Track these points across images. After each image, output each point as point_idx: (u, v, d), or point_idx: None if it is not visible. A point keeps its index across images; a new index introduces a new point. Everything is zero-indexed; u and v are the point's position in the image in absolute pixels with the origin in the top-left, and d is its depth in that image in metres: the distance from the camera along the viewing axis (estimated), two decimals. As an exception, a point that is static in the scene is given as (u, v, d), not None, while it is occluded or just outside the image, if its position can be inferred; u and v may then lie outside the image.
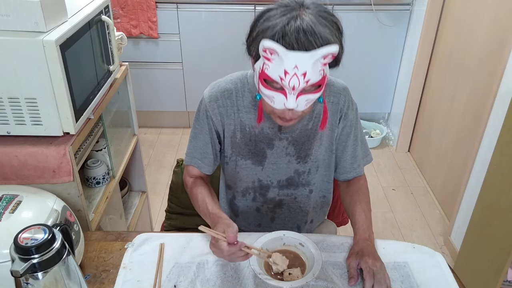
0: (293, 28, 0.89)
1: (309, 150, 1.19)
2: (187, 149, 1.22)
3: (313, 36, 0.89)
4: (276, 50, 0.89)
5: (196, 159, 1.20)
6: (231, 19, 2.84)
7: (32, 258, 0.78)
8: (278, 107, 0.98)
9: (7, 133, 1.16)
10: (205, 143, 1.19)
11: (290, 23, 0.90)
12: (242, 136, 1.17)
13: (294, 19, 0.91)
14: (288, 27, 0.90)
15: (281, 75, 0.92)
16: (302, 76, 0.91)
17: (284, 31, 0.90)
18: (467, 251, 1.87)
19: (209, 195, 1.15)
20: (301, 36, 0.89)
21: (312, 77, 0.92)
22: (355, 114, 1.20)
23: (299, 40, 0.89)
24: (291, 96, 0.94)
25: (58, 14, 1.13)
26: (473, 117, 2.16)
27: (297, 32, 0.89)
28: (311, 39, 0.89)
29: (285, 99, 0.95)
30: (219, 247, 0.95)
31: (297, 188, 1.24)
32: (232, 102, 1.14)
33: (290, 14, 0.92)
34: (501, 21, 1.96)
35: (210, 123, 1.16)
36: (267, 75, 0.94)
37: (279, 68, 0.92)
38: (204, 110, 1.15)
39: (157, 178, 2.74)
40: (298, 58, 0.90)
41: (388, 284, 0.99)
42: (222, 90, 1.14)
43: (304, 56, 0.90)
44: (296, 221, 1.30)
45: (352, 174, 1.25)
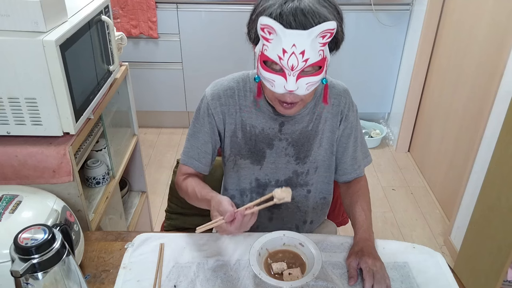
0: (290, 7, 0.90)
1: (308, 152, 1.19)
2: (184, 148, 1.21)
3: (311, 14, 0.90)
4: (274, 27, 0.90)
5: (192, 159, 1.19)
6: (231, 19, 2.84)
7: (32, 258, 0.78)
8: (279, 90, 0.97)
9: (7, 133, 1.16)
10: (205, 142, 1.18)
11: (287, 2, 0.91)
12: (242, 135, 1.17)
13: (292, 1, 0.92)
14: (286, 5, 0.91)
15: (279, 54, 0.92)
16: (300, 55, 0.91)
17: (281, 9, 0.90)
18: (467, 251, 1.87)
19: (198, 183, 1.14)
20: (299, 14, 0.89)
21: (311, 56, 0.92)
22: (355, 115, 1.20)
23: (296, 18, 0.89)
24: (291, 77, 0.94)
25: (58, 14, 1.13)
26: (473, 117, 2.16)
27: (294, 10, 0.90)
28: (309, 16, 0.89)
29: (285, 81, 0.95)
30: (225, 229, 0.95)
31: (295, 188, 1.24)
32: (234, 101, 1.14)
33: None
34: (501, 21, 1.96)
35: (212, 122, 1.15)
36: (266, 56, 0.94)
37: (277, 47, 0.91)
38: (206, 108, 1.15)
39: (157, 178, 2.74)
40: (296, 36, 0.90)
41: (388, 284, 0.99)
42: (225, 88, 1.14)
43: (302, 34, 0.90)
44: (294, 221, 1.30)
45: (353, 176, 1.25)
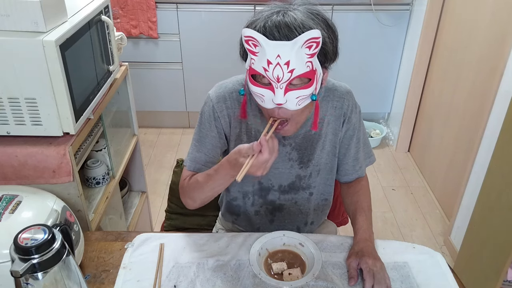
0: (275, 20, 0.90)
1: (311, 155, 1.18)
2: (190, 154, 1.17)
3: (294, 24, 0.89)
4: (257, 39, 0.89)
5: (199, 165, 1.15)
6: (231, 19, 2.84)
7: (32, 258, 0.78)
8: (268, 106, 0.96)
9: (7, 133, 1.16)
10: (212, 146, 1.14)
11: (273, 16, 0.92)
12: (247, 140, 1.14)
13: (278, 13, 0.92)
14: (270, 18, 0.91)
15: (264, 66, 0.91)
16: (285, 65, 0.89)
17: (265, 21, 0.91)
18: (467, 251, 1.87)
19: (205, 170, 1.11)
20: (282, 25, 0.89)
21: (297, 67, 0.90)
22: (358, 117, 1.19)
23: (280, 29, 0.89)
24: (279, 90, 0.92)
25: (58, 14, 1.13)
26: (473, 117, 2.16)
27: (278, 23, 0.90)
28: (292, 27, 0.89)
29: (273, 95, 0.93)
30: (261, 160, 0.91)
31: (297, 192, 1.24)
32: (240, 103, 1.11)
33: (276, 9, 0.94)
34: (500, 21, 1.96)
35: (218, 125, 1.12)
36: (254, 69, 0.94)
37: (262, 59, 0.91)
38: (211, 111, 1.11)
39: (157, 178, 2.74)
40: (280, 47, 0.89)
41: (388, 284, 0.99)
42: (230, 90, 1.12)
43: (286, 45, 0.89)
44: (295, 223, 1.30)
45: (354, 176, 1.25)
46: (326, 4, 2.78)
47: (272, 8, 0.96)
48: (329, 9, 2.80)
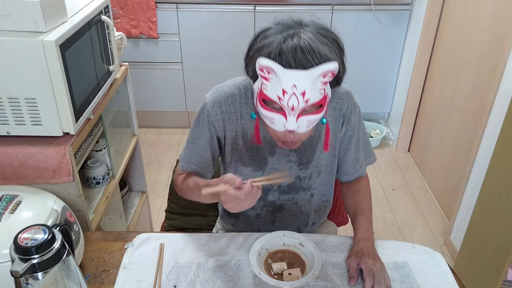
0: (290, 46, 0.87)
1: (311, 157, 1.18)
2: (184, 155, 1.19)
3: (311, 53, 0.86)
4: (273, 68, 0.87)
5: (192, 164, 1.17)
6: (231, 19, 2.84)
7: (32, 259, 0.78)
8: (279, 129, 0.95)
9: (7, 133, 1.16)
10: (204, 148, 1.16)
11: (287, 41, 0.88)
12: (244, 143, 1.15)
13: (291, 37, 0.88)
14: (285, 44, 0.87)
15: (279, 94, 0.89)
16: (301, 95, 0.88)
17: (280, 48, 0.87)
18: (467, 251, 1.87)
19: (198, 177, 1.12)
20: (299, 54, 0.86)
21: (312, 96, 0.89)
22: (358, 117, 1.18)
23: (296, 58, 0.86)
24: (291, 117, 0.92)
25: (58, 14, 1.13)
26: (473, 117, 2.16)
27: (294, 50, 0.86)
28: (309, 57, 0.86)
29: (285, 120, 0.92)
30: (233, 195, 0.90)
31: (298, 192, 1.23)
32: (235, 108, 1.11)
33: (287, 32, 0.90)
34: (501, 21, 1.96)
35: (211, 129, 1.13)
36: (266, 95, 0.92)
37: (277, 88, 0.89)
38: (206, 115, 1.12)
39: (157, 178, 2.74)
40: (296, 76, 0.87)
41: (388, 284, 0.99)
42: (226, 95, 1.11)
43: (302, 75, 0.87)
44: (296, 224, 1.30)
45: (354, 176, 1.25)
46: (326, 4, 2.79)
47: (283, 29, 0.91)
48: (329, 9, 2.80)
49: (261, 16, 2.83)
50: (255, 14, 2.82)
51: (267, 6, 2.80)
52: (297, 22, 0.94)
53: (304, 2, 2.81)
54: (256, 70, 0.91)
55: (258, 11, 2.81)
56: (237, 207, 0.94)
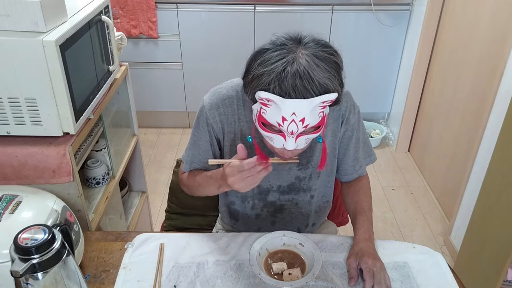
0: (290, 76, 0.86)
1: (310, 157, 1.18)
2: (186, 157, 1.20)
3: (311, 84, 0.86)
4: (272, 99, 0.88)
5: (195, 164, 1.19)
6: (231, 19, 2.84)
7: (32, 259, 0.78)
8: (278, 146, 0.97)
9: (7, 133, 1.16)
10: (206, 149, 1.17)
11: (286, 70, 0.86)
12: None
13: (290, 64, 0.87)
14: (284, 74, 0.86)
15: (279, 121, 0.90)
16: (300, 122, 0.90)
17: (280, 79, 0.86)
18: (467, 251, 1.87)
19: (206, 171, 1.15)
20: (298, 84, 0.86)
21: (311, 121, 0.91)
22: (357, 117, 1.18)
23: (296, 89, 0.86)
24: (290, 138, 0.93)
25: (58, 14, 1.13)
26: (473, 117, 2.16)
27: (293, 80, 0.86)
28: (309, 87, 0.86)
29: (284, 141, 0.94)
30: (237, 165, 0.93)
31: (298, 193, 1.23)
32: (233, 110, 1.12)
33: (285, 58, 0.88)
34: (501, 21, 1.96)
35: (210, 131, 1.14)
36: (265, 119, 0.93)
37: (276, 115, 0.90)
38: (205, 118, 1.13)
39: (157, 178, 2.74)
40: (296, 105, 0.88)
41: (388, 284, 0.99)
42: (223, 97, 1.12)
43: (302, 103, 0.87)
44: (296, 225, 1.30)
45: (354, 176, 1.25)
46: (326, 4, 2.79)
47: (281, 53, 0.89)
48: (329, 9, 2.80)
49: (261, 16, 2.83)
50: (255, 14, 2.82)
51: (267, 6, 2.80)
52: (295, 40, 0.92)
53: (304, 2, 2.80)
54: (254, 96, 0.92)
55: (258, 11, 2.81)
56: (241, 182, 0.95)
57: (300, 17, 2.85)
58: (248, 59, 0.96)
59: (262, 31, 2.87)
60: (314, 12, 2.81)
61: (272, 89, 0.87)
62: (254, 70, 0.92)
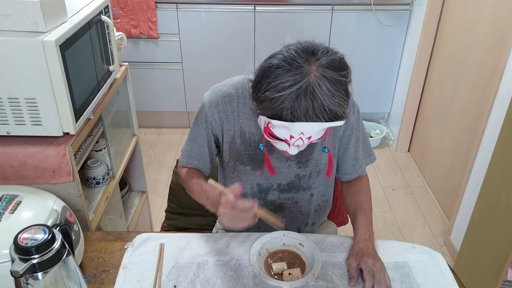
0: (303, 104, 0.88)
1: (310, 155, 1.18)
2: (184, 151, 1.22)
3: (321, 112, 0.89)
4: (285, 125, 0.92)
5: (192, 159, 1.21)
6: (231, 19, 2.84)
7: (32, 259, 0.78)
8: (281, 149, 1.01)
9: (7, 133, 1.16)
10: (202, 146, 1.18)
11: (299, 97, 0.87)
12: (242, 142, 1.16)
13: (304, 91, 0.87)
14: (297, 102, 0.88)
15: (286, 137, 0.95)
16: (307, 139, 0.95)
17: (293, 107, 0.88)
18: (467, 251, 1.87)
19: (203, 178, 1.16)
20: (310, 112, 0.89)
21: (316, 137, 0.96)
22: (356, 116, 1.19)
23: (307, 115, 0.89)
24: (294, 147, 0.98)
25: (58, 14, 1.13)
26: (473, 117, 2.16)
27: (305, 107, 0.88)
28: (320, 115, 0.89)
29: (288, 147, 0.98)
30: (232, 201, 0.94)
31: (298, 192, 1.24)
32: (232, 107, 1.13)
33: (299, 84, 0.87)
34: (501, 21, 1.96)
35: (208, 128, 1.15)
36: (273, 133, 0.96)
37: (285, 133, 0.94)
38: (204, 115, 1.14)
39: (157, 178, 2.74)
40: (305, 127, 0.91)
41: (388, 284, 0.99)
42: (223, 95, 1.13)
43: (311, 126, 0.91)
44: (296, 224, 1.30)
45: (354, 175, 1.25)
46: (326, 4, 2.79)
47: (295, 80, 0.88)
48: (329, 9, 2.80)
49: (261, 16, 2.83)
50: (255, 14, 2.82)
51: (267, 6, 2.80)
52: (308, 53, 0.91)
53: (304, 2, 2.80)
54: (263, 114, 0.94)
55: (258, 11, 2.81)
56: (231, 219, 0.97)
57: (300, 17, 2.85)
58: (258, 72, 0.95)
59: (262, 31, 2.87)
60: (314, 12, 2.81)
61: (285, 116, 0.90)
62: (265, 90, 0.91)
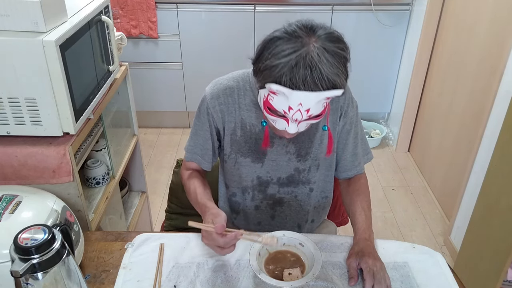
0: (301, 72, 0.89)
1: (309, 149, 1.19)
2: (188, 146, 1.23)
3: (320, 79, 0.89)
4: (283, 91, 0.91)
5: (196, 155, 1.22)
6: (231, 19, 2.84)
7: (32, 259, 0.78)
8: (280, 128, 1.01)
9: (7, 133, 1.16)
10: (206, 139, 1.20)
11: (298, 64, 0.89)
12: (242, 133, 1.17)
13: (303, 58, 0.89)
14: (296, 68, 0.89)
15: (285, 109, 0.94)
16: (305, 111, 0.94)
17: (291, 73, 0.89)
18: (467, 251, 1.87)
19: (201, 185, 1.16)
20: (308, 78, 0.89)
21: (315, 111, 0.95)
22: (355, 111, 1.20)
23: (306, 82, 0.89)
24: (293, 123, 0.97)
25: (58, 14, 1.13)
26: (473, 117, 2.16)
27: (304, 74, 0.89)
28: (318, 83, 0.90)
29: (287, 125, 0.98)
30: (214, 238, 0.95)
31: (297, 186, 1.24)
32: (233, 99, 1.14)
33: (299, 51, 0.89)
34: (501, 21, 1.96)
35: (210, 120, 1.17)
36: (271, 105, 0.96)
37: (283, 103, 0.94)
38: (205, 107, 1.16)
39: (157, 178, 2.74)
40: (304, 97, 0.91)
41: (388, 284, 0.99)
42: (224, 87, 1.15)
43: (309, 95, 0.91)
44: (296, 220, 1.31)
45: (353, 172, 1.25)
46: (326, 4, 2.79)
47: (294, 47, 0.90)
48: (329, 9, 2.80)
49: (261, 16, 2.83)
50: (255, 14, 2.82)
51: (267, 6, 2.80)
52: (308, 29, 0.94)
53: (304, 2, 2.80)
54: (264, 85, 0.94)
55: (258, 11, 2.81)
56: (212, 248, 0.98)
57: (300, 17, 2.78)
58: (259, 46, 0.97)
59: (262, 31, 2.86)
60: (314, 12, 2.81)
61: (284, 81, 0.90)
62: (266, 59, 0.93)
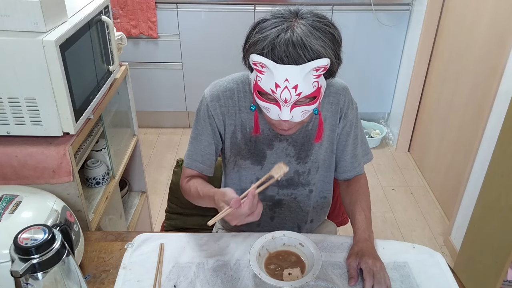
0: (282, 41, 0.89)
1: (309, 151, 1.19)
2: (188, 151, 1.21)
3: (303, 49, 0.88)
4: (265, 64, 0.90)
5: (197, 162, 1.19)
6: (231, 19, 2.84)
7: (32, 259, 0.78)
8: (274, 117, 0.99)
9: (7, 133, 1.16)
10: (208, 143, 1.17)
11: (280, 36, 0.89)
12: (242, 136, 1.17)
13: (285, 31, 0.90)
14: (278, 40, 0.89)
15: (272, 87, 0.93)
16: (293, 89, 0.92)
17: (273, 44, 0.89)
18: (467, 251, 1.87)
19: (200, 183, 1.14)
20: (290, 49, 0.88)
21: (304, 89, 0.92)
22: (355, 113, 1.20)
23: (288, 53, 0.88)
24: (285, 108, 0.95)
25: (58, 14, 1.13)
26: (473, 117, 2.16)
27: (286, 45, 0.88)
28: (301, 52, 0.88)
29: (279, 111, 0.96)
30: (238, 214, 0.91)
31: (296, 188, 1.24)
32: (234, 102, 1.14)
33: (281, 26, 0.91)
34: (501, 21, 1.96)
35: (212, 123, 1.15)
36: (260, 87, 0.95)
37: (270, 81, 0.92)
38: (206, 109, 1.14)
39: (157, 178, 2.74)
40: (288, 71, 0.90)
41: (388, 284, 0.99)
42: (224, 89, 1.14)
43: (294, 70, 0.89)
44: (296, 221, 1.30)
45: (353, 173, 1.25)
46: (326, 4, 2.79)
47: (278, 22, 0.93)
48: (329, 9, 2.80)
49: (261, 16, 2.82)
50: (255, 14, 2.82)
51: (267, 6, 2.80)
52: (294, 12, 0.95)
53: (304, 2, 2.79)
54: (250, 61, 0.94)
55: (258, 11, 2.81)
56: (245, 221, 0.95)
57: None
58: (247, 32, 0.98)
59: (262, 31, 2.87)
60: (314, 12, 2.81)
61: (266, 53, 0.90)
62: (251, 38, 0.95)
